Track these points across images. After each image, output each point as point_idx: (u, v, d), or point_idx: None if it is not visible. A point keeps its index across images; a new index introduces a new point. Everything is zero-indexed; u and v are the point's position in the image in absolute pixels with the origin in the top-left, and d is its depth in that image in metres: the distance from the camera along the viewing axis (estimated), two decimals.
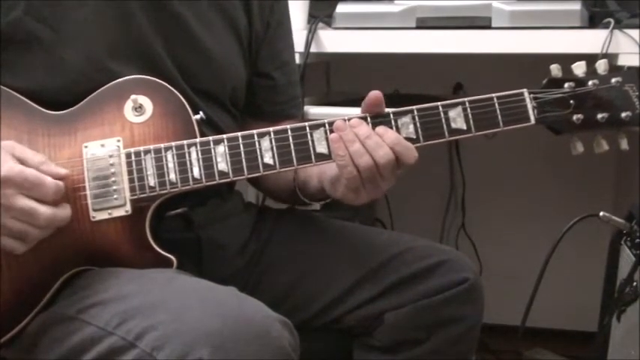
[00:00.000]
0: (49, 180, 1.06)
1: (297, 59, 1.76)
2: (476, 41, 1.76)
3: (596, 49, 1.60)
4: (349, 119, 1.15)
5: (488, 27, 1.75)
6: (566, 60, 1.23)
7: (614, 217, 1.58)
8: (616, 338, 1.60)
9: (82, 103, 1.18)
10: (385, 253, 1.29)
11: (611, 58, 1.57)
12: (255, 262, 1.35)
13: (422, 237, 1.36)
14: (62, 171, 1.09)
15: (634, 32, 1.63)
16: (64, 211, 1.09)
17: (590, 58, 1.23)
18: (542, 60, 1.21)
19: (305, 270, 1.32)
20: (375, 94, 1.15)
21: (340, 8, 1.84)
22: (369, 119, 1.16)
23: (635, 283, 1.50)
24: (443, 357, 1.26)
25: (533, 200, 2.40)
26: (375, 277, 1.28)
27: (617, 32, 1.64)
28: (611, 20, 1.66)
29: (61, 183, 1.07)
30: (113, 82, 1.18)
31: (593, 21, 1.76)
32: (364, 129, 1.13)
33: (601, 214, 1.57)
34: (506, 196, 2.43)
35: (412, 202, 2.45)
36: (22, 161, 1.06)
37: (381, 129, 1.14)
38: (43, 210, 1.05)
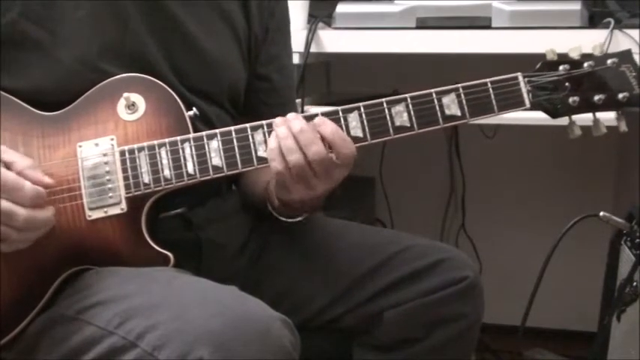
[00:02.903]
0: (27, 185, 1.06)
1: (297, 59, 1.77)
2: (476, 41, 1.76)
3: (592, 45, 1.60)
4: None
5: (489, 27, 1.75)
6: None
7: (614, 217, 1.58)
8: (616, 338, 1.60)
9: (75, 103, 1.18)
10: (385, 252, 1.29)
11: None
12: (255, 262, 1.35)
13: (422, 237, 1.36)
14: (46, 179, 1.09)
15: (634, 32, 1.63)
16: (44, 214, 1.09)
17: None
18: (542, 60, 1.21)
19: (305, 269, 1.32)
20: None
21: (340, 8, 1.85)
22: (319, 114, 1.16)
23: (635, 283, 1.50)
24: (443, 355, 1.26)
25: (533, 200, 2.40)
26: (375, 276, 1.27)
27: (617, 32, 1.64)
28: (611, 20, 1.67)
29: (40, 189, 1.07)
30: (105, 81, 1.18)
31: (593, 21, 1.76)
32: (298, 123, 1.13)
33: (601, 214, 1.57)
34: (506, 196, 2.43)
35: (412, 202, 2.45)
36: (8, 165, 1.07)
37: (318, 119, 1.14)
38: (21, 212, 1.05)
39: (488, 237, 2.43)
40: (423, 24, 1.79)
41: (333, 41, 1.83)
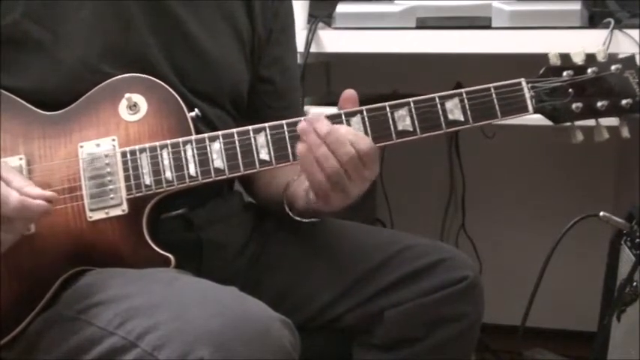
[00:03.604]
0: (34, 202, 1.03)
1: (298, 59, 1.77)
2: (476, 41, 1.76)
3: (596, 49, 1.60)
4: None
5: (489, 27, 1.76)
6: None
7: (614, 217, 1.58)
8: (616, 338, 1.60)
9: (77, 102, 1.18)
10: (385, 252, 1.29)
11: None
12: (255, 262, 1.35)
13: (422, 236, 1.36)
14: (47, 193, 1.06)
15: (634, 32, 1.63)
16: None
17: None
18: (543, 60, 1.21)
19: (305, 269, 1.32)
20: (349, 92, 1.16)
21: (340, 8, 1.85)
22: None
23: (635, 283, 1.50)
24: (443, 355, 1.26)
25: (533, 200, 2.40)
26: (376, 275, 1.27)
27: (617, 32, 1.64)
28: (611, 20, 1.67)
29: (43, 202, 1.04)
30: (107, 81, 1.18)
31: (593, 21, 1.77)
32: (325, 126, 1.12)
33: (601, 214, 1.57)
34: (506, 196, 2.43)
35: (412, 202, 2.45)
36: (6, 182, 1.04)
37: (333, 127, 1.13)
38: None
39: (488, 237, 2.43)
40: (423, 24, 1.79)
41: (333, 41, 1.84)
